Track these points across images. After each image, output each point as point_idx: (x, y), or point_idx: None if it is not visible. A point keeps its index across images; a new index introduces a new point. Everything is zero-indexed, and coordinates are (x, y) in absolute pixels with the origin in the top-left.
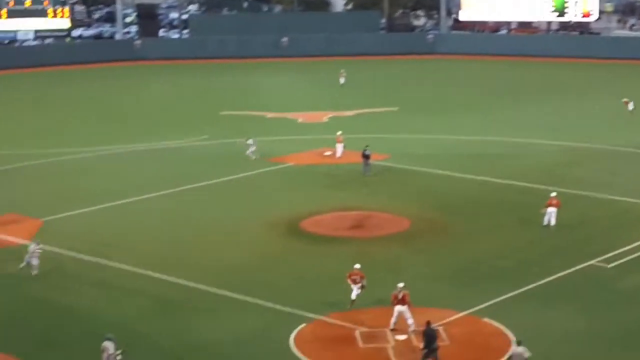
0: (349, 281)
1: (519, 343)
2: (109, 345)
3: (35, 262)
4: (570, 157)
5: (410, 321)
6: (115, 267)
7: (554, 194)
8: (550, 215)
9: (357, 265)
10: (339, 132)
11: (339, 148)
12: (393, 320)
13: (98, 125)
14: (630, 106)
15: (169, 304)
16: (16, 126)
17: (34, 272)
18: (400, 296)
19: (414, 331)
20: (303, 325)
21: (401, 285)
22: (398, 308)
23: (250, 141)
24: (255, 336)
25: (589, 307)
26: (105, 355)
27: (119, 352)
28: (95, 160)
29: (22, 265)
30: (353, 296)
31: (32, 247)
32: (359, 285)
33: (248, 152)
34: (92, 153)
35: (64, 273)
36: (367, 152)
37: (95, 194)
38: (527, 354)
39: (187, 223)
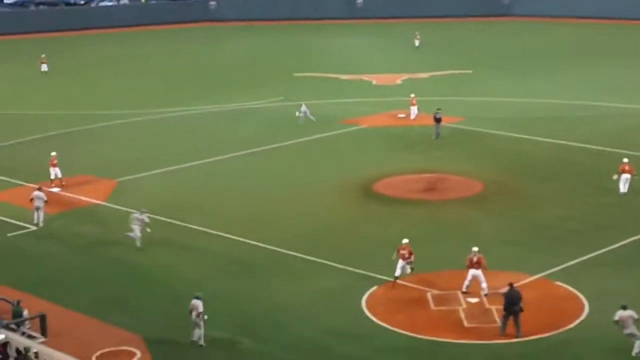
0: (397, 256)
1: (624, 308)
2: (197, 304)
3: (137, 232)
4: None
5: (484, 285)
6: (190, 228)
7: (626, 160)
8: (624, 181)
9: (406, 240)
10: (413, 95)
11: (413, 110)
12: (466, 283)
13: (173, 87)
14: None
15: (244, 265)
16: (92, 87)
17: (137, 243)
18: (475, 260)
19: (487, 295)
20: (375, 287)
21: (476, 249)
22: (472, 272)
23: (303, 108)
24: (329, 298)
25: None
26: (194, 313)
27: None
28: (171, 121)
29: (130, 234)
30: (397, 272)
31: (136, 215)
32: (408, 261)
33: (301, 115)
34: (167, 114)
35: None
36: (438, 115)
37: (171, 155)
38: (637, 315)
39: (262, 185)
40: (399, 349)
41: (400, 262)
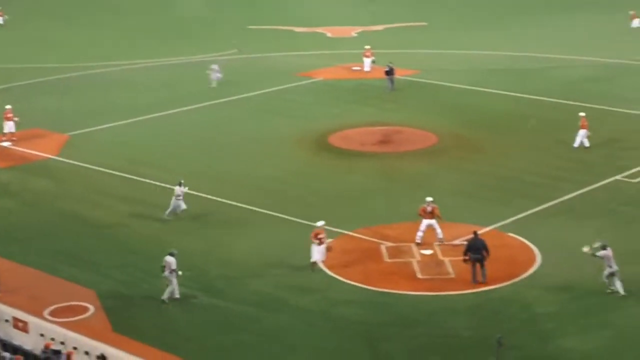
0: (313, 239)
1: (604, 247)
2: (171, 260)
3: (182, 206)
4: (599, 72)
5: (438, 231)
6: (144, 182)
7: (582, 114)
8: (581, 136)
9: (321, 222)
10: (367, 46)
11: (367, 62)
12: (420, 234)
13: (127, 39)
14: (636, 23)
15: (199, 219)
16: (46, 40)
17: (170, 212)
18: (429, 209)
19: (442, 241)
20: (330, 240)
21: (430, 199)
22: (426, 222)
23: (214, 66)
24: (283, 251)
25: (613, 222)
26: (167, 270)
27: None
28: (125, 74)
29: (168, 211)
30: (314, 258)
31: (178, 189)
32: (325, 245)
33: (213, 77)
34: (120, 67)
35: (92, 188)
36: (388, 68)
37: (125, 109)
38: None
39: (216, 138)
40: (353, 301)
41: (316, 247)
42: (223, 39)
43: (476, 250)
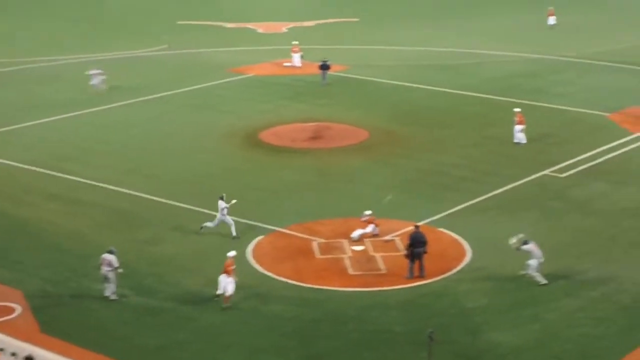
0: (224, 274)
1: (525, 242)
2: (110, 258)
3: (229, 220)
4: (527, 68)
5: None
6: (72, 180)
7: (517, 110)
8: (517, 132)
9: (232, 253)
10: (295, 42)
11: (295, 58)
12: (360, 232)
13: (54, 34)
14: (551, 20)
15: (129, 217)
16: None
17: (233, 234)
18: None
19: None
20: (261, 237)
21: (368, 212)
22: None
23: (93, 71)
24: (214, 248)
25: (541, 217)
26: (105, 268)
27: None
28: (52, 69)
29: (210, 224)
30: (221, 289)
31: (221, 203)
32: (232, 278)
33: (93, 82)
34: (49, 63)
35: (18, 185)
36: (323, 63)
37: (53, 106)
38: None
39: (146, 135)
40: (285, 297)
41: (225, 278)
42: (152, 34)
43: (420, 244)
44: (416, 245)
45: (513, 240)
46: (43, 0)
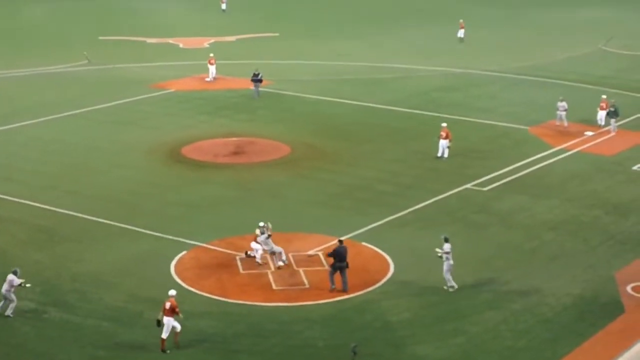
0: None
1: (446, 240)
2: (12, 279)
3: (275, 248)
4: (448, 82)
5: (278, 253)
6: None
7: (444, 124)
8: (442, 146)
9: (173, 292)
10: (211, 54)
11: (211, 70)
12: (259, 253)
13: None
14: (460, 33)
15: (51, 233)
16: None
17: (279, 263)
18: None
19: (284, 263)
20: (184, 252)
21: (262, 224)
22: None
23: None
24: (137, 264)
25: (464, 230)
26: (5, 287)
27: (24, 282)
28: None
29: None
30: (166, 332)
31: (258, 231)
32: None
33: None
34: None
35: None
36: (256, 77)
37: None
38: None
39: (67, 151)
40: (209, 313)
41: (167, 320)
42: (72, 49)
43: (341, 258)
44: (338, 258)
45: (438, 250)
46: None
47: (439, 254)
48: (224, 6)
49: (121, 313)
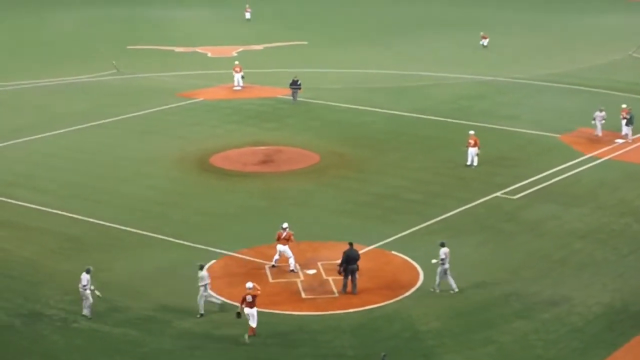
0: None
1: (442, 245)
2: (82, 277)
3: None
4: (475, 89)
5: (291, 261)
6: (23, 206)
7: (472, 132)
8: (471, 154)
9: (250, 284)
10: (236, 62)
11: (237, 77)
12: (275, 257)
13: (1, 60)
14: (484, 42)
15: (80, 243)
16: None
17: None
18: (284, 235)
19: (292, 271)
20: (213, 261)
21: (285, 225)
22: (280, 247)
23: None
24: (166, 274)
25: (493, 239)
26: (80, 286)
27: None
28: None
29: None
30: (254, 323)
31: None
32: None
33: None
34: None
35: None
36: (296, 82)
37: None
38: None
39: (96, 160)
40: (237, 322)
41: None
42: (100, 59)
43: (352, 261)
44: (349, 262)
45: (434, 260)
46: None
47: (434, 262)
48: (248, 15)
49: (150, 322)
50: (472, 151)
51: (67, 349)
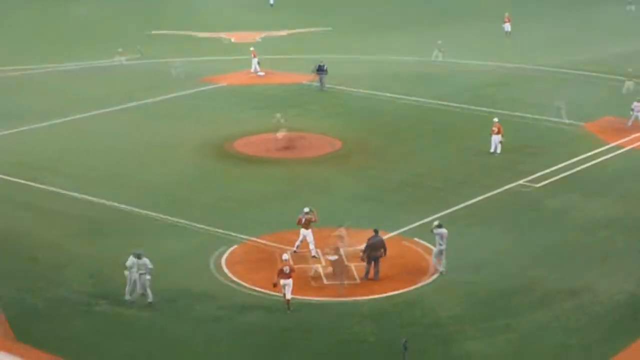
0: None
1: (440, 226)
2: (145, 261)
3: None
4: (499, 77)
5: (312, 246)
6: (45, 189)
7: (496, 120)
8: (495, 141)
9: (286, 256)
10: (252, 48)
11: (254, 63)
12: (297, 242)
13: (23, 44)
14: (507, 27)
15: (100, 225)
16: None
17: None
18: (303, 221)
19: (313, 257)
20: (234, 246)
21: (307, 210)
22: (303, 231)
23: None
24: (186, 258)
25: (515, 227)
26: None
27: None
28: (24, 79)
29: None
30: (289, 295)
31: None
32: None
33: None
34: (20, 72)
35: None
36: (322, 67)
37: (24, 115)
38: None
39: (118, 144)
40: (258, 307)
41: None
42: (124, 44)
43: (375, 249)
44: (372, 249)
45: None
46: (9, 14)
47: (432, 229)
48: (272, 1)
49: (171, 306)
50: (496, 138)
51: (91, 332)
